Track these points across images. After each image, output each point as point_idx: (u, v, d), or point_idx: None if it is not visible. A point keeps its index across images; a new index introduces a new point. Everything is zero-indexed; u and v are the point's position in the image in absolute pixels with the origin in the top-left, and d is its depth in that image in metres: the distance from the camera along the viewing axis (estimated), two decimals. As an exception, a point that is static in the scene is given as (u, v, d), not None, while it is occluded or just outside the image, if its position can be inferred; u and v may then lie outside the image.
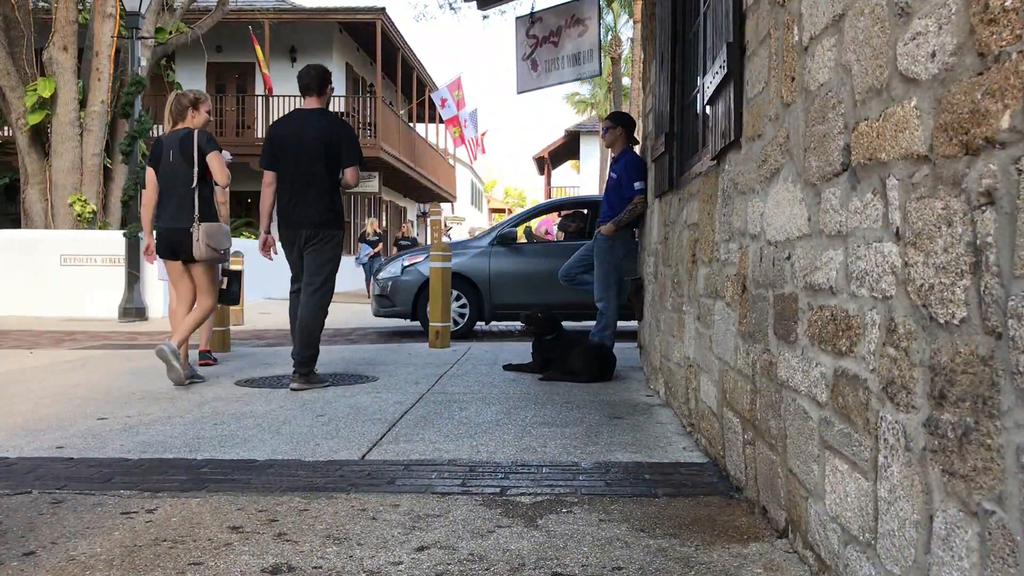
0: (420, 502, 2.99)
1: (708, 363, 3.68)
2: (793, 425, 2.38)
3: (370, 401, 5.10)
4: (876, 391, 1.78)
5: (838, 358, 2.01)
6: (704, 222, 3.79)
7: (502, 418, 4.55)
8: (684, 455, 3.73)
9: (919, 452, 1.56)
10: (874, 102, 1.79)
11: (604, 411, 4.78)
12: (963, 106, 1.40)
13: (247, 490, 3.17)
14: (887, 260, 1.71)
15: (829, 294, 2.08)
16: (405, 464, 3.56)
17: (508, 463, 3.56)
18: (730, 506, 2.95)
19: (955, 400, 1.42)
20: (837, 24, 2.03)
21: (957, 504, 1.41)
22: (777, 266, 2.56)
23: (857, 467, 1.89)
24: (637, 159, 6.69)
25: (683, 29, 4.72)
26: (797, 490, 2.35)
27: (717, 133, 3.44)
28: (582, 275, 7.38)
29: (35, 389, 5.66)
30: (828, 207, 2.09)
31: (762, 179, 2.75)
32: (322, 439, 4.03)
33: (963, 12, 1.40)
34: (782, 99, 2.52)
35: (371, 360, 7.23)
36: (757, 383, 2.80)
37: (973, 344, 1.36)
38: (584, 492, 3.12)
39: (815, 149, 2.20)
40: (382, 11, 22.77)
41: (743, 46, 3.07)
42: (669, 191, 4.92)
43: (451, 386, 5.73)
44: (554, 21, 8.29)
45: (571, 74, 8.38)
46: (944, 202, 1.46)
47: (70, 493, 3.13)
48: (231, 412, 4.75)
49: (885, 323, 1.73)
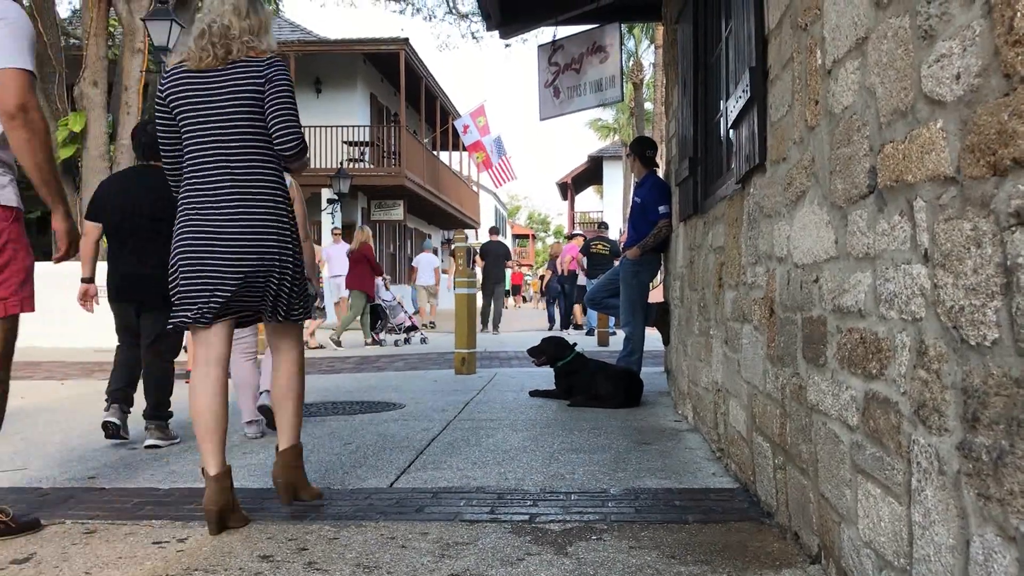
0: (449, 530, 2.99)
1: (737, 387, 3.65)
2: (824, 449, 2.36)
3: (397, 428, 5.10)
4: (908, 414, 1.76)
5: (868, 381, 2.00)
6: (730, 245, 3.78)
7: (529, 444, 4.53)
8: (714, 481, 3.70)
9: (953, 476, 1.54)
10: (899, 124, 1.79)
11: (632, 437, 4.76)
12: (990, 127, 1.39)
13: (276, 519, 3.18)
14: (916, 282, 1.70)
15: (858, 317, 2.07)
16: (433, 492, 3.56)
17: (537, 490, 3.55)
18: (761, 532, 2.92)
19: (989, 423, 1.41)
20: (860, 47, 2.03)
21: (994, 528, 1.39)
22: (805, 289, 2.55)
23: (890, 491, 1.87)
24: (661, 183, 6.69)
25: (705, 54, 4.74)
26: (829, 515, 2.33)
27: (741, 157, 3.44)
28: (608, 299, 7.38)
29: (67, 420, 5.72)
30: (855, 229, 2.09)
31: (788, 202, 2.74)
32: (350, 467, 4.04)
33: (987, 34, 1.40)
34: (806, 122, 2.52)
35: (397, 387, 7.25)
36: (787, 407, 2.78)
37: (1006, 366, 1.35)
38: (614, 519, 3.10)
39: (841, 172, 2.19)
40: (405, 42, 23.01)
41: (766, 70, 3.08)
42: (694, 215, 4.92)
43: (478, 412, 5.73)
44: (576, 48, 8.34)
45: (593, 100, 8.41)
46: (973, 223, 1.46)
47: (102, 523, 3.15)
48: (260, 441, 4.77)
49: (915, 345, 1.71)
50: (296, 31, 24.61)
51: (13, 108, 2.87)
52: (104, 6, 14.99)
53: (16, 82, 2.87)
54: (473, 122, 24.81)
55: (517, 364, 9.49)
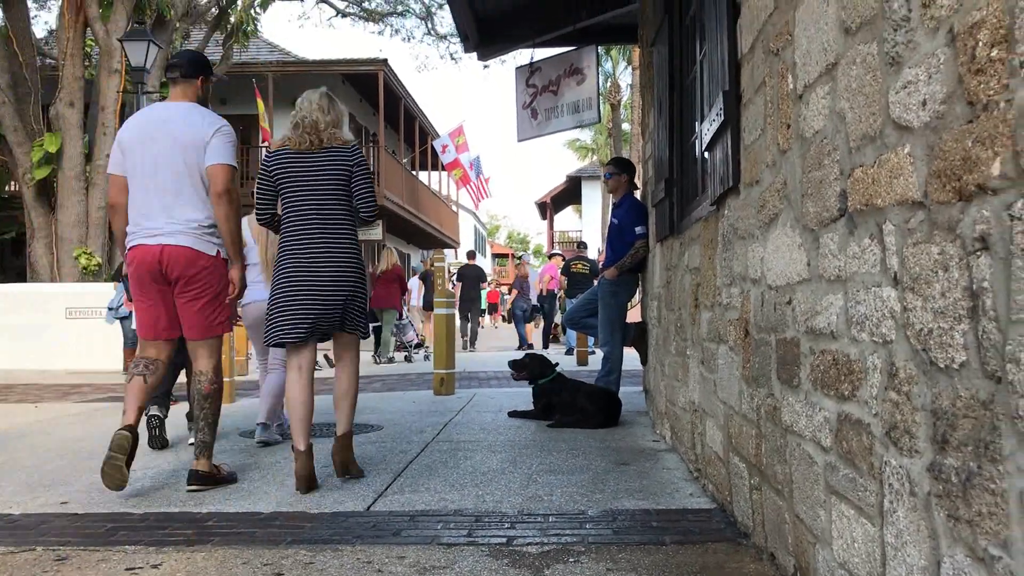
0: (426, 554, 2.97)
1: (713, 408, 3.67)
2: (799, 470, 2.38)
3: (375, 451, 5.08)
4: (879, 435, 1.78)
5: (841, 402, 2.02)
6: (705, 266, 3.81)
7: (507, 466, 4.53)
8: (691, 501, 3.70)
9: (924, 497, 1.56)
10: (868, 149, 1.82)
11: (610, 457, 4.76)
12: (955, 153, 1.42)
13: (252, 543, 3.15)
14: (886, 305, 1.73)
15: (830, 338, 2.09)
16: (411, 515, 3.54)
17: (514, 512, 3.54)
18: (738, 552, 2.93)
19: (957, 444, 1.42)
20: (830, 72, 2.06)
21: (964, 549, 1.40)
22: (778, 311, 2.57)
23: (863, 512, 1.88)
24: (638, 204, 6.73)
25: (680, 76, 4.79)
26: (804, 536, 2.34)
27: (716, 179, 3.47)
28: (586, 319, 7.39)
29: (40, 443, 5.65)
30: (827, 252, 2.11)
31: (761, 224, 2.77)
32: (327, 490, 4.01)
33: (951, 62, 1.43)
34: (779, 146, 2.55)
35: (375, 408, 7.21)
36: (762, 428, 2.79)
37: (973, 388, 1.37)
38: (591, 541, 3.10)
39: (812, 195, 2.22)
40: (384, 62, 23.06)
41: (739, 94, 3.12)
42: (670, 236, 4.95)
43: (456, 434, 5.71)
44: (553, 70, 8.41)
45: (571, 122, 8.48)
46: (940, 247, 1.48)
47: (75, 549, 3.11)
48: (236, 464, 4.73)
49: (886, 367, 1.73)
50: (275, 52, 24.62)
51: (221, 190, 4.10)
52: (81, 26, 14.95)
53: (226, 174, 4.12)
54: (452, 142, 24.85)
55: (496, 384, 9.47)
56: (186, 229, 4.08)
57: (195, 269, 4.11)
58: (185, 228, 4.08)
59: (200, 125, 4.13)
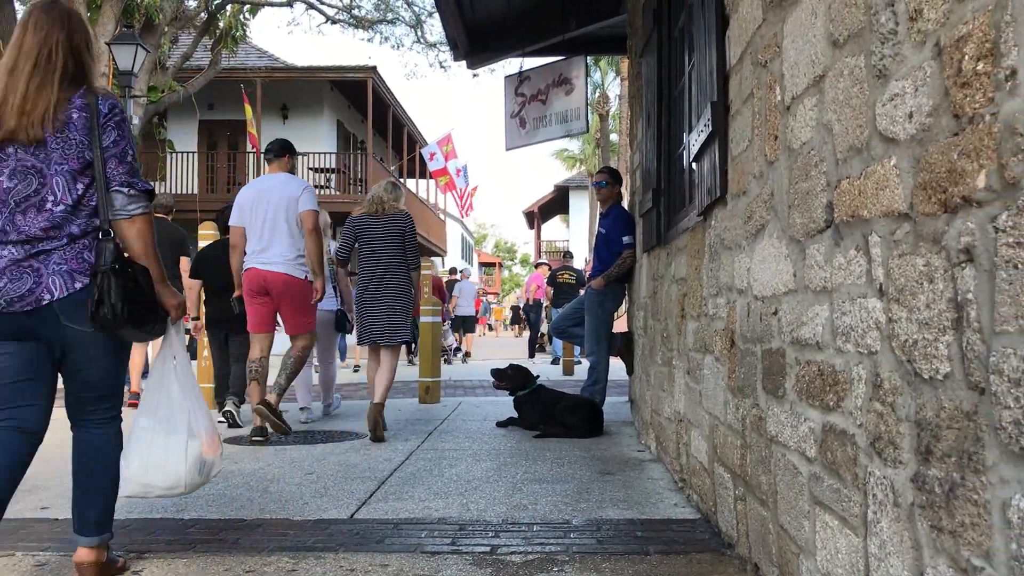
0: (409, 562, 2.96)
1: (698, 418, 3.67)
2: (783, 480, 2.38)
3: (359, 458, 5.06)
4: (864, 446, 1.78)
5: (826, 413, 2.02)
6: (692, 277, 3.82)
7: (492, 475, 4.52)
8: (676, 511, 3.70)
9: (907, 508, 1.56)
10: (855, 161, 1.83)
11: (595, 467, 4.75)
12: (941, 165, 1.43)
13: (235, 550, 3.13)
14: (871, 316, 1.73)
15: (816, 349, 2.09)
16: (395, 523, 3.53)
17: (498, 521, 3.53)
18: (722, 563, 2.93)
19: (941, 455, 1.43)
20: (818, 84, 2.08)
21: (947, 560, 1.41)
22: (764, 321, 2.58)
23: (847, 523, 1.88)
24: (625, 213, 6.75)
25: (669, 87, 4.81)
26: (788, 546, 2.34)
27: (703, 189, 3.48)
28: (572, 328, 7.40)
29: (20, 448, 5.59)
30: (813, 263, 2.12)
31: (748, 235, 2.78)
32: (311, 497, 3.99)
33: (938, 75, 1.44)
34: (766, 157, 2.56)
35: (360, 415, 7.18)
36: (747, 438, 2.80)
37: (957, 399, 1.38)
38: (575, 550, 3.09)
39: (799, 206, 2.23)
40: (373, 69, 23.06)
41: (727, 105, 3.13)
42: (657, 246, 4.96)
43: (441, 442, 5.70)
44: (542, 80, 8.43)
45: (559, 131, 8.49)
46: (925, 259, 1.49)
47: (54, 555, 3.08)
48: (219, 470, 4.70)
49: (871, 378, 1.74)
50: (264, 57, 24.57)
51: (311, 228, 5.85)
52: (68, 29, 14.87)
53: (312, 217, 5.89)
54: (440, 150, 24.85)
55: (482, 393, 9.46)
56: (283, 261, 5.81)
57: (290, 289, 5.84)
58: (282, 260, 5.81)
59: (292, 188, 5.95)
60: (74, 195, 2.62)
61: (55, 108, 2.60)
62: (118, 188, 2.67)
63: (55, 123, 2.60)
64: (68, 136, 2.61)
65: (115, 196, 2.67)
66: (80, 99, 2.65)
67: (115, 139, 2.68)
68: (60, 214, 2.60)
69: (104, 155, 2.64)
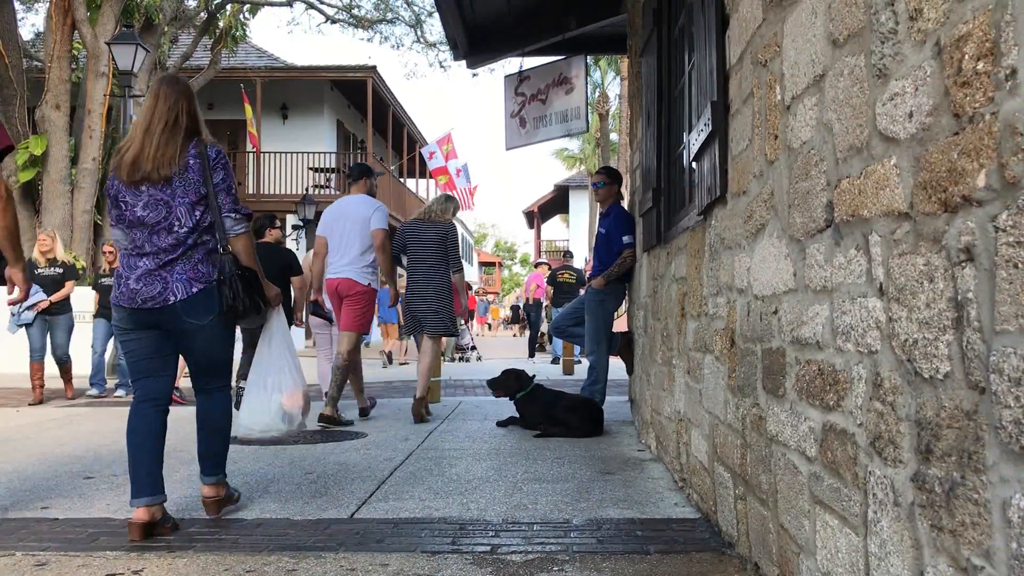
0: (410, 562, 2.96)
1: (698, 417, 3.67)
2: (783, 480, 2.38)
3: (359, 458, 5.06)
4: (864, 446, 1.78)
5: (826, 412, 2.02)
6: (692, 276, 3.82)
7: (492, 474, 4.52)
8: (676, 511, 3.70)
9: (908, 507, 1.56)
10: (855, 160, 1.83)
11: (595, 466, 4.75)
12: (941, 165, 1.43)
13: (235, 550, 3.13)
14: (872, 315, 1.73)
15: (816, 348, 2.09)
16: (395, 522, 3.53)
17: (499, 521, 3.53)
18: (722, 562, 2.93)
19: (941, 455, 1.43)
20: (818, 84, 2.08)
21: (947, 559, 1.41)
22: (764, 320, 2.58)
23: (847, 522, 1.88)
24: (625, 213, 6.75)
25: (669, 87, 4.81)
26: (788, 546, 2.34)
27: (703, 189, 3.48)
28: (572, 328, 7.39)
29: (21, 448, 5.60)
30: (813, 262, 2.12)
31: (748, 234, 2.78)
32: (311, 497, 3.99)
33: (938, 74, 1.44)
34: (766, 156, 2.56)
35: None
36: (747, 437, 2.80)
37: (957, 399, 1.38)
38: (576, 550, 3.09)
39: (799, 205, 2.23)
40: (373, 69, 23.05)
41: (727, 104, 3.13)
42: (657, 245, 4.96)
43: (441, 442, 5.70)
44: (542, 80, 8.42)
45: (559, 131, 8.49)
46: (925, 258, 1.49)
47: (55, 554, 3.08)
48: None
49: (871, 377, 1.74)
50: (263, 57, 24.57)
51: (379, 244, 6.73)
52: (68, 29, 14.88)
53: (382, 235, 6.72)
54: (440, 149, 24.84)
55: (482, 392, 9.46)
56: (352, 268, 6.73)
57: (350, 290, 6.75)
58: (351, 268, 6.73)
59: (365, 208, 6.84)
60: (193, 220, 3.44)
61: (179, 156, 3.44)
62: (227, 214, 3.52)
63: (178, 167, 3.43)
64: (188, 176, 3.45)
65: (226, 220, 3.52)
66: (194, 148, 3.49)
67: (223, 177, 3.52)
68: (183, 234, 3.43)
69: (215, 190, 3.48)
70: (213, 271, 3.48)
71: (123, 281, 3.46)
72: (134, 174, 3.44)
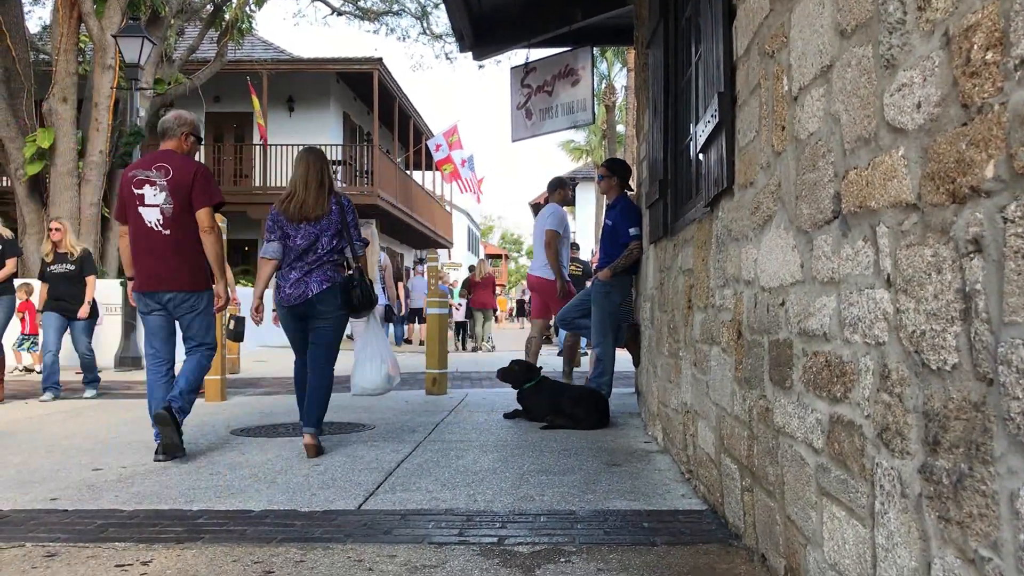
0: (417, 553, 2.97)
1: (705, 409, 3.67)
2: (790, 471, 2.38)
3: (366, 450, 5.07)
4: (871, 437, 1.78)
5: (833, 404, 2.02)
6: (699, 268, 3.81)
7: (499, 466, 4.52)
8: (683, 502, 3.71)
9: (915, 498, 1.56)
10: (863, 151, 1.82)
11: (602, 458, 4.76)
12: (949, 156, 1.42)
13: (243, 541, 3.14)
14: (879, 306, 1.73)
15: (823, 340, 2.09)
16: (402, 514, 3.54)
17: (506, 512, 3.54)
18: (729, 554, 2.93)
19: (949, 446, 1.43)
20: (825, 75, 2.07)
21: (954, 551, 1.41)
22: (771, 312, 2.57)
23: (854, 514, 1.88)
24: (632, 205, 6.74)
25: (675, 78, 4.79)
26: (795, 537, 2.34)
27: (710, 180, 3.48)
28: (579, 319, 7.39)
29: (29, 440, 5.63)
30: (820, 254, 2.11)
31: (755, 226, 2.77)
32: (318, 489, 4.01)
33: (946, 65, 1.43)
34: (773, 147, 2.55)
35: (367, 407, 7.20)
36: (754, 429, 2.80)
37: (965, 390, 1.37)
38: (582, 541, 3.10)
39: (806, 197, 2.22)
40: (379, 61, 23.03)
41: (734, 96, 3.12)
42: (664, 237, 4.95)
43: (448, 433, 5.71)
44: (548, 71, 8.41)
45: (565, 122, 8.47)
46: (933, 249, 1.48)
47: (64, 545, 3.10)
48: (227, 462, 4.72)
49: (879, 369, 1.74)
50: (269, 49, 24.57)
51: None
52: (75, 22, 14.88)
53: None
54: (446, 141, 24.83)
55: (488, 385, 9.47)
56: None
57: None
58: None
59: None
60: (331, 246, 4.99)
61: (325, 204, 4.99)
62: (356, 242, 5.08)
63: (325, 211, 4.98)
64: (331, 218, 5.00)
65: (357, 246, 5.07)
66: (334, 198, 5.06)
67: (353, 219, 5.10)
68: (323, 255, 4.97)
69: (350, 227, 5.06)
70: (339, 276, 4.98)
71: (280, 288, 5.01)
72: (297, 216, 4.95)
